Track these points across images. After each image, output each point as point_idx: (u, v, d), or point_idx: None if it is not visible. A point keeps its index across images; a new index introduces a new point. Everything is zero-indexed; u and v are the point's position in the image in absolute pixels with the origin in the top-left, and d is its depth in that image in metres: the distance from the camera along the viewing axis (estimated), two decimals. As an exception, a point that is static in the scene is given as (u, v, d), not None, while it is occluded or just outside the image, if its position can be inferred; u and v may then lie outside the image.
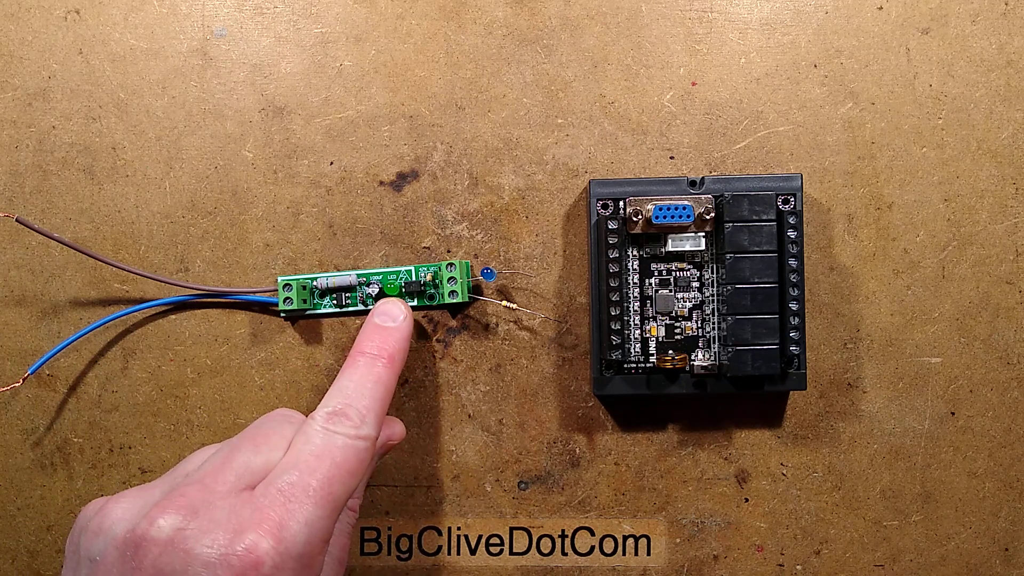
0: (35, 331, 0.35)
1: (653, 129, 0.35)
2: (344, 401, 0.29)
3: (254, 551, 0.24)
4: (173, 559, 0.24)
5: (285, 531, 0.25)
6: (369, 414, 0.29)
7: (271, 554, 0.25)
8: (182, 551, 0.24)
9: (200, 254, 0.35)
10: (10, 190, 0.35)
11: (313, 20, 0.35)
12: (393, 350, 0.31)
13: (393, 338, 0.31)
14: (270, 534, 0.25)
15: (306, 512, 0.26)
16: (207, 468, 0.27)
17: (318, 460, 0.27)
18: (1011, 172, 0.34)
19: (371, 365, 0.30)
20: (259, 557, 0.24)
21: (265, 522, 0.25)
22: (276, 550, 0.25)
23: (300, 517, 0.26)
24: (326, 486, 0.27)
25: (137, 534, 0.25)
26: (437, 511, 0.36)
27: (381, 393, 0.30)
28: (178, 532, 0.25)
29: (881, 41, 0.34)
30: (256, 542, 0.25)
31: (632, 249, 0.33)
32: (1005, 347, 0.35)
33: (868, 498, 0.35)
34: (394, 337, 0.31)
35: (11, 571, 0.36)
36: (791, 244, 0.32)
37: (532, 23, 0.35)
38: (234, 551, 0.24)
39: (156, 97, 0.35)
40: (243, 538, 0.24)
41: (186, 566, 0.24)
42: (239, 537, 0.25)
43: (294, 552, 0.25)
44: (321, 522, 0.26)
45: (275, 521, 0.25)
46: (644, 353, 0.34)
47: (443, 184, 0.35)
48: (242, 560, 0.24)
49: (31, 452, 0.36)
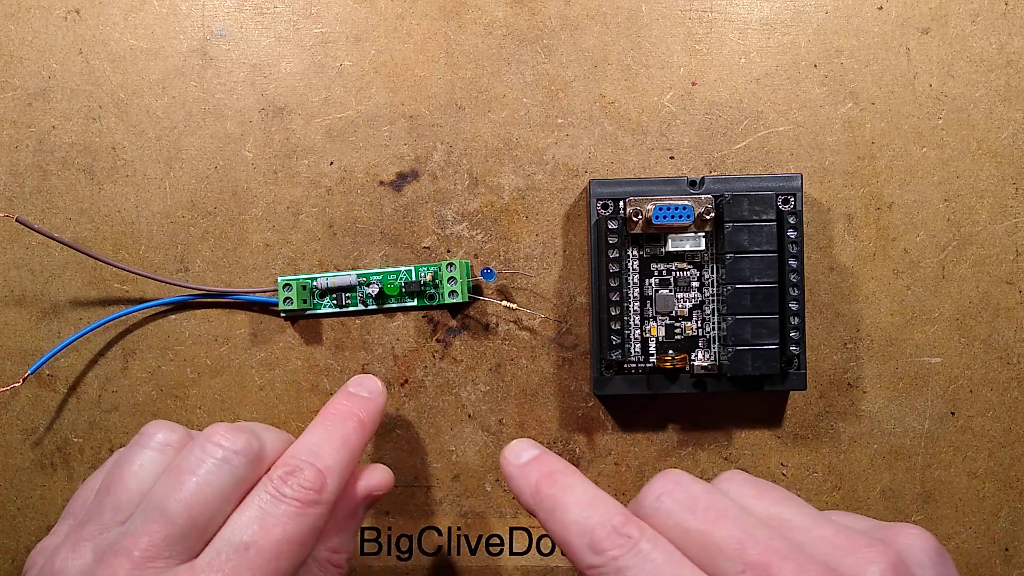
0: (35, 331, 0.35)
1: (653, 129, 0.35)
2: (304, 459, 0.27)
3: None
4: None
5: None
6: (330, 475, 0.27)
7: None
8: None
9: (200, 254, 0.35)
10: (10, 190, 0.35)
11: (313, 20, 0.35)
12: (365, 416, 0.30)
13: (367, 406, 0.30)
14: None
15: None
16: (139, 531, 0.25)
17: (266, 533, 0.25)
18: (1011, 172, 0.34)
19: (340, 424, 0.29)
20: None
21: None
22: None
23: None
24: (272, 561, 0.25)
25: None
26: (437, 511, 0.36)
27: (347, 455, 0.28)
28: None
29: (881, 41, 0.34)
30: None
31: (632, 249, 0.33)
32: (1005, 347, 0.35)
33: (868, 498, 0.35)
34: (368, 405, 0.30)
35: (11, 571, 0.36)
36: (791, 244, 0.32)
37: (532, 23, 0.35)
38: None
39: (156, 97, 0.35)
40: None
41: None
42: None
43: None
44: None
45: None
46: (644, 353, 0.34)
47: (443, 184, 0.35)
48: None
49: (31, 452, 0.36)
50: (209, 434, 0.27)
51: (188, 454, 0.27)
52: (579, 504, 0.25)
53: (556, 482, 0.26)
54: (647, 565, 0.23)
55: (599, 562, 0.24)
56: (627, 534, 0.24)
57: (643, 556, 0.23)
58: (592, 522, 0.24)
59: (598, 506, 0.25)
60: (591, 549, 0.24)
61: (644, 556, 0.23)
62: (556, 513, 0.25)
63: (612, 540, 0.24)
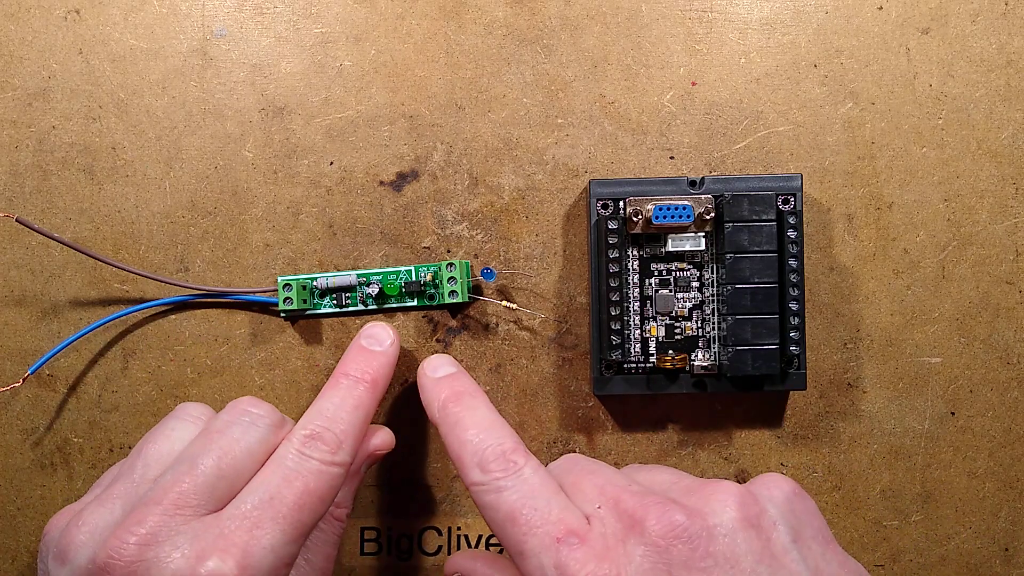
0: (35, 331, 0.35)
1: (653, 129, 0.35)
2: (322, 424, 0.29)
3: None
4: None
5: (249, 557, 0.25)
6: (346, 439, 0.29)
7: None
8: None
9: (200, 254, 0.35)
10: (10, 190, 0.35)
11: (313, 20, 0.35)
12: (376, 374, 0.31)
13: (378, 362, 0.31)
14: (233, 559, 0.25)
15: (272, 538, 0.26)
16: (168, 483, 0.26)
17: (289, 485, 0.27)
18: (1011, 172, 0.34)
19: (353, 388, 0.30)
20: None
21: (230, 547, 0.25)
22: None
23: (265, 543, 0.25)
24: (295, 512, 0.26)
25: (98, 564, 0.25)
26: (437, 511, 0.36)
27: (360, 418, 0.30)
28: (139, 563, 0.24)
29: (881, 41, 0.34)
30: (219, 567, 0.24)
31: (632, 249, 0.33)
32: (1005, 347, 0.35)
33: (868, 498, 0.35)
34: (379, 361, 0.31)
35: (11, 571, 0.36)
36: (791, 244, 0.32)
37: (532, 23, 0.35)
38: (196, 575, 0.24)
39: (156, 97, 0.35)
40: (205, 563, 0.24)
41: None
42: (201, 562, 0.24)
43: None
44: (286, 548, 0.26)
45: (239, 546, 0.25)
46: (644, 353, 0.34)
47: (443, 184, 0.35)
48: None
49: (31, 452, 0.36)
50: (236, 402, 0.30)
51: (217, 419, 0.29)
52: (478, 426, 0.28)
53: (462, 402, 0.29)
54: (523, 487, 0.26)
55: (483, 480, 0.27)
56: (513, 460, 0.27)
57: (522, 480, 0.26)
58: (485, 444, 0.27)
59: (494, 431, 0.28)
60: (479, 467, 0.27)
61: (523, 480, 0.26)
62: (456, 430, 0.28)
63: (499, 463, 0.27)
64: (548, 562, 0.24)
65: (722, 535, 0.24)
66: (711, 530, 0.24)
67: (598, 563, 0.24)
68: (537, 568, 0.25)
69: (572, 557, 0.24)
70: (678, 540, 0.24)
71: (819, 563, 0.25)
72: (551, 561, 0.24)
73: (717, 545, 0.24)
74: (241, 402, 0.30)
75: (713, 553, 0.24)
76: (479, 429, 0.28)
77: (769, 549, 0.24)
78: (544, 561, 0.24)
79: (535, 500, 0.26)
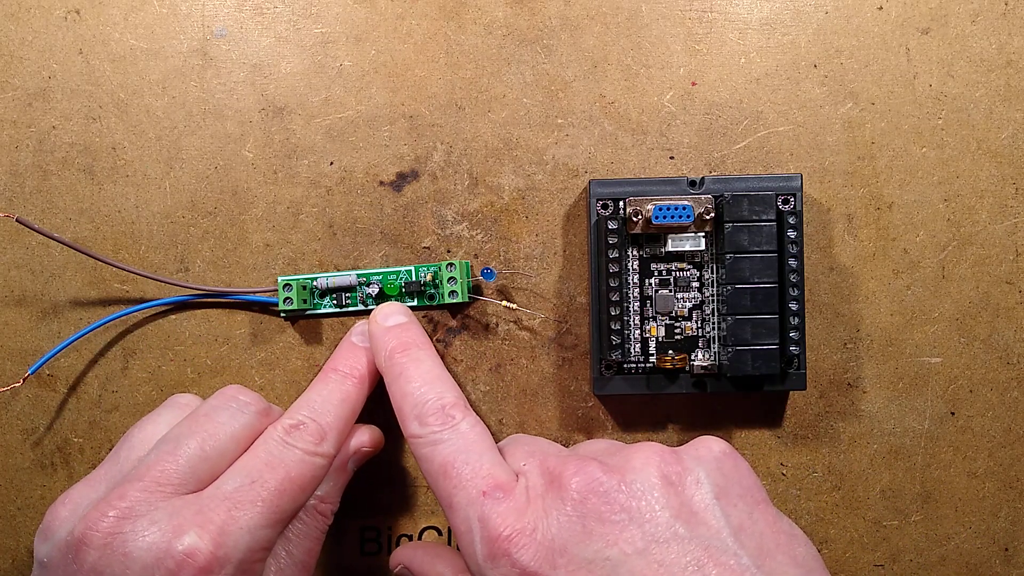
0: (35, 331, 0.35)
1: (653, 129, 0.35)
2: (308, 415, 0.29)
3: (192, 552, 0.24)
4: (111, 561, 0.24)
5: (226, 535, 0.25)
6: (331, 431, 0.29)
7: (207, 556, 0.25)
8: (120, 554, 0.24)
9: (200, 254, 0.35)
10: (10, 190, 0.35)
11: (313, 20, 0.35)
12: (365, 371, 0.31)
13: (368, 358, 0.32)
14: (210, 535, 0.25)
15: (250, 520, 0.26)
16: (151, 461, 0.27)
17: (271, 471, 0.27)
18: (1011, 172, 0.34)
19: (341, 383, 0.31)
20: (196, 558, 0.24)
21: (207, 524, 0.25)
22: (214, 553, 0.25)
23: (243, 523, 0.26)
24: (275, 497, 0.27)
25: (76, 536, 0.25)
26: (437, 511, 0.36)
27: (347, 412, 0.30)
28: (116, 536, 0.25)
29: (881, 41, 0.34)
30: (195, 543, 0.25)
31: (632, 249, 0.33)
32: (1005, 347, 0.35)
33: (868, 498, 0.35)
34: (368, 358, 0.32)
35: (11, 571, 0.36)
36: (791, 244, 0.32)
37: (532, 23, 0.35)
38: (172, 551, 0.24)
39: (156, 97, 0.35)
40: (182, 538, 0.25)
41: (124, 569, 0.24)
42: (178, 537, 0.25)
43: (233, 558, 0.25)
44: (264, 531, 0.26)
45: (217, 524, 0.25)
46: (644, 353, 0.34)
47: (443, 184, 0.35)
48: (178, 561, 0.24)
49: (31, 452, 0.36)
50: (223, 390, 0.30)
51: (204, 404, 0.30)
52: (421, 378, 0.29)
53: (409, 353, 0.30)
54: (458, 441, 0.27)
55: (421, 432, 0.27)
56: (452, 415, 0.27)
57: (459, 434, 0.27)
58: (426, 397, 0.28)
59: (437, 385, 0.28)
60: (418, 420, 0.27)
61: (459, 434, 0.27)
62: (400, 380, 0.29)
63: (438, 416, 0.27)
64: (473, 514, 0.25)
65: (639, 490, 0.24)
66: (629, 485, 0.25)
67: (518, 517, 0.24)
68: (463, 521, 0.25)
69: (495, 511, 0.25)
70: (593, 494, 0.24)
71: (744, 521, 0.25)
72: (476, 514, 0.25)
73: (633, 500, 0.24)
74: (229, 389, 0.30)
75: (628, 508, 0.24)
76: (422, 382, 0.29)
77: (689, 506, 0.24)
78: (470, 514, 0.25)
79: (468, 455, 0.26)
